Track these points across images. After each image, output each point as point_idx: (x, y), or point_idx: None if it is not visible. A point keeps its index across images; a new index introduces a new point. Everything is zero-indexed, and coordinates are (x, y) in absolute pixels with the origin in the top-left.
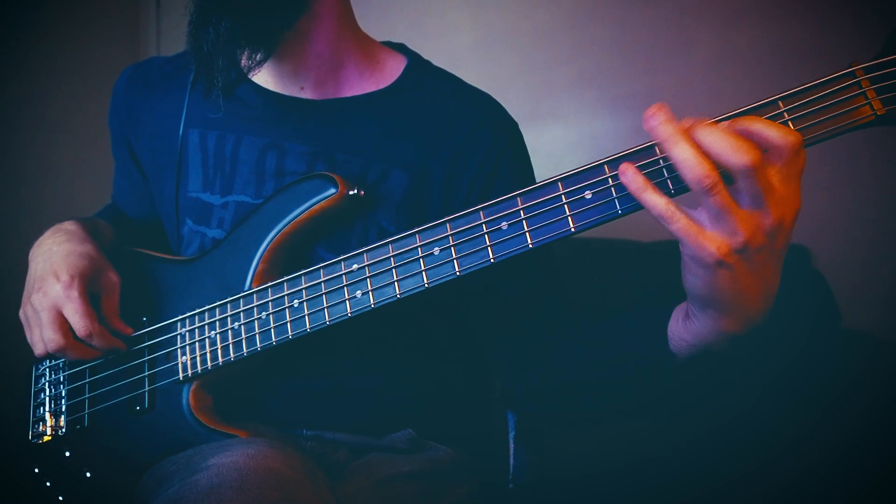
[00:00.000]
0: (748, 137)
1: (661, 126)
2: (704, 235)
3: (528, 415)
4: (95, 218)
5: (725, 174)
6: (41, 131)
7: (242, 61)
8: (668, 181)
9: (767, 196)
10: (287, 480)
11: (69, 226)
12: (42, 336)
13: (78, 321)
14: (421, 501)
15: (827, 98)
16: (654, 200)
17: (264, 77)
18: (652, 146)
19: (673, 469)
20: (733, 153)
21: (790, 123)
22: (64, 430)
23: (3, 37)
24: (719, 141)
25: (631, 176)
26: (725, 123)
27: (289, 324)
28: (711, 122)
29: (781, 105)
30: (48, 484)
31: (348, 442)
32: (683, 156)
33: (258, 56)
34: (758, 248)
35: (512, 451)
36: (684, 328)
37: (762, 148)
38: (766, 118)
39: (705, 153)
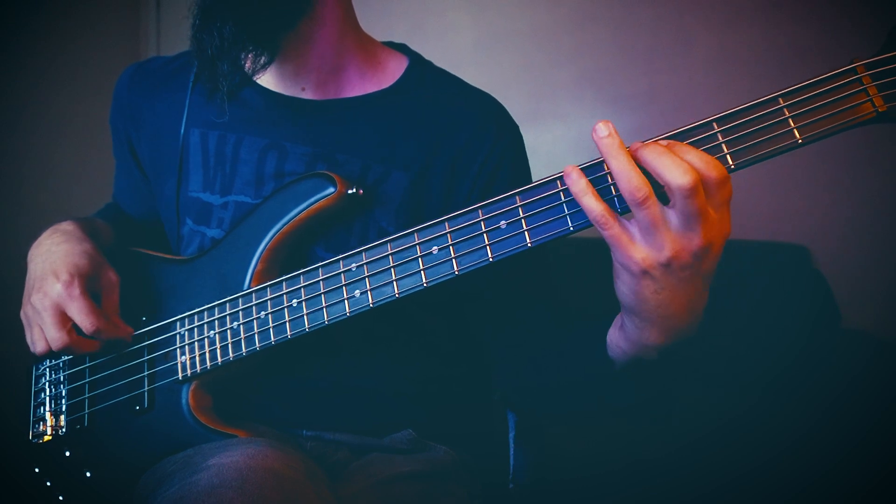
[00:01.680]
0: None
1: (605, 139)
2: (633, 246)
3: (528, 415)
4: (93, 217)
5: (662, 194)
6: (41, 131)
7: (247, 65)
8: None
9: (700, 219)
10: (287, 481)
11: (67, 226)
12: (46, 335)
13: (84, 319)
14: (421, 502)
15: (828, 95)
16: (592, 205)
17: (266, 78)
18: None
19: (673, 469)
20: (673, 171)
21: (791, 121)
22: (64, 429)
23: (3, 37)
24: (660, 158)
25: (574, 178)
26: (664, 143)
27: (287, 323)
28: (654, 141)
29: (782, 102)
30: (48, 484)
31: (348, 442)
32: (620, 168)
33: (262, 59)
34: (682, 266)
35: (512, 451)
36: (619, 335)
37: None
38: (696, 146)
39: (648, 170)
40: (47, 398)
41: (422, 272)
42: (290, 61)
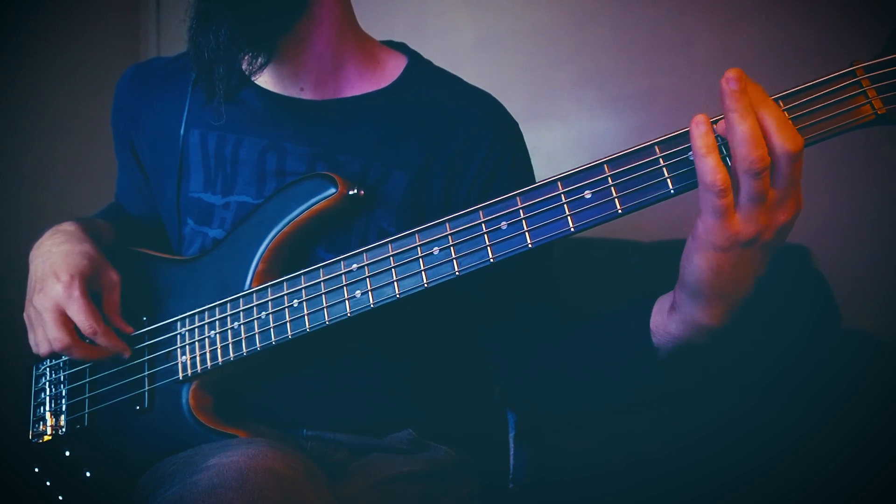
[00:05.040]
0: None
1: (738, 95)
2: (732, 218)
3: (528, 414)
4: (94, 218)
5: None
6: (41, 132)
7: (243, 66)
8: (669, 180)
9: (796, 188)
10: (287, 481)
11: (68, 226)
12: (47, 335)
13: (83, 320)
14: (421, 502)
15: (827, 97)
16: (714, 167)
17: (264, 78)
18: (651, 146)
19: (673, 469)
20: (792, 138)
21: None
22: (64, 429)
23: (3, 37)
24: (781, 122)
25: (705, 132)
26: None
27: (288, 324)
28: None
29: (782, 104)
30: (48, 484)
31: (348, 442)
32: (750, 133)
33: (259, 61)
34: (765, 241)
35: (512, 451)
36: (669, 319)
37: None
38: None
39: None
40: (47, 398)
41: (423, 272)
42: (289, 62)
